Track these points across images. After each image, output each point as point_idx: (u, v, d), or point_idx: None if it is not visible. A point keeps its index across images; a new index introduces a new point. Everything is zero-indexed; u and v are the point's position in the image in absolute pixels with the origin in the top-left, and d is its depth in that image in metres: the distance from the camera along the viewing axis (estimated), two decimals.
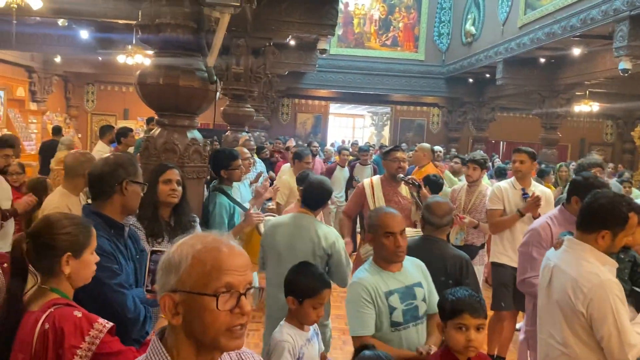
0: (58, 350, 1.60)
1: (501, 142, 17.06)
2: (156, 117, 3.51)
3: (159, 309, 2.60)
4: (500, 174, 7.20)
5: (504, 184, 4.37)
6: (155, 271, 1.87)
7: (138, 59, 9.72)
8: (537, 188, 4.30)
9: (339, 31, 13.71)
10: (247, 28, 6.35)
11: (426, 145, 6.47)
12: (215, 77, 3.39)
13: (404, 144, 12.32)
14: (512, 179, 4.39)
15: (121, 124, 12.21)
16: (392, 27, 14.64)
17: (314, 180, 3.39)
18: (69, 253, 1.73)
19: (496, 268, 4.29)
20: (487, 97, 14.26)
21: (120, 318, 2.01)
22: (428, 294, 2.60)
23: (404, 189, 4.44)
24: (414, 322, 2.52)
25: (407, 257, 2.61)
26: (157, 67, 3.29)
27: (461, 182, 5.36)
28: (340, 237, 3.31)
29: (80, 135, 15.26)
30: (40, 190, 4.11)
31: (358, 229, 6.87)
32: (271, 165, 8.69)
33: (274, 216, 3.99)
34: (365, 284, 2.47)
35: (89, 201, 2.37)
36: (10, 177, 4.40)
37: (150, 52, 10.20)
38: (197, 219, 3.06)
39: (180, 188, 2.82)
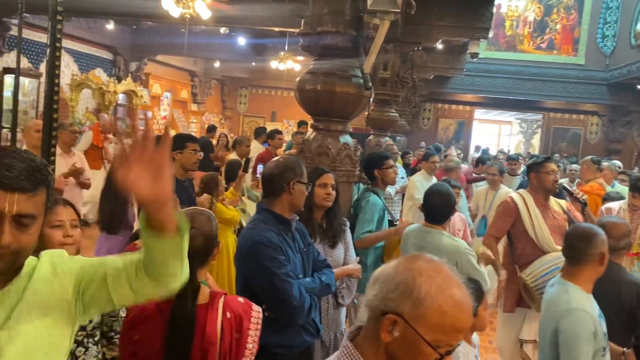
0: (235, 334, 1.73)
1: None
2: (311, 122, 3.63)
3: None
4: None
5: None
6: None
7: (289, 64, 10.20)
8: None
9: (489, 34, 13.13)
10: (397, 33, 6.33)
11: (593, 158, 5.97)
12: (370, 84, 3.42)
13: (556, 155, 11.44)
14: None
15: (269, 126, 12.90)
16: (548, 29, 13.69)
17: (434, 194, 3.16)
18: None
19: None
20: None
21: (286, 305, 2.20)
22: None
23: (554, 204, 4.06)
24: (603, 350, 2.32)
25: None
26: (316, 74, 3.39)
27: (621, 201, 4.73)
28: (468, 249, 3.08)
29: (232, 135, 16.41)
30: (212, 185, 4.37)
31: None
32: (412, 174, 8.57)
33: None
34: (590, 312, 2.27)
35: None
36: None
37: (301, 58, 10.65)
38: (348, 223, 3.11)
39: (334, 192, 2.89)
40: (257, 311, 1.83)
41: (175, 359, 1.70)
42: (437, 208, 3.12)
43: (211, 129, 10.67)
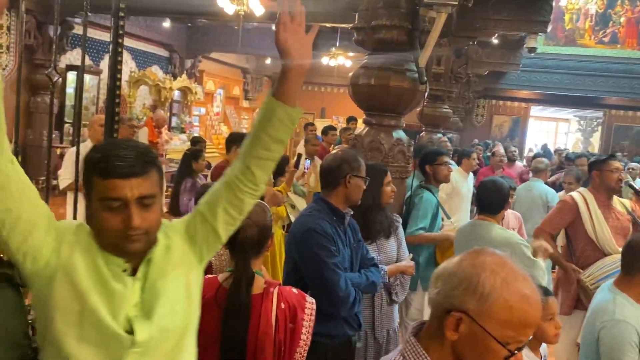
0: (289, 325, 1.75)
1: None
2: (362, 117, 3.60)
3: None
4: None
5: None
6: None
7: (340, 60, 10.18)
8: None
9: (547, 28, 12.68)
10: (451, 27, 6.19)
11: None
12: (425, 78, 3.36)
13: (618, 153, 10.93)
14: None
15: (318, 122, 12.93)
16: (611, 22, 13.08)
17: (487, 183, 3.17)
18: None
19: None
20: None
21: (331, 295, 2.21)
22: None
23: (617, 204, 3.87)
24: None
25: None
26: (370, 68, 3.37)
27: None
28: (520, 240, 3.01)
29: None
30: (282, 163, 4.40)
31: None
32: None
33: None
34: (634, 324, 2.18)
35: None
36: None
37: (352, 54, 10.61)
38: (400, 219, 3.07)
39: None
40: (310, 302, 1.84)
41: (231, 347, 1.72)
42: (490, 197, 3.06)
43: None
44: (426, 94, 3.51)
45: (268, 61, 14.61)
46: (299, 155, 5.22)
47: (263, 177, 1.42)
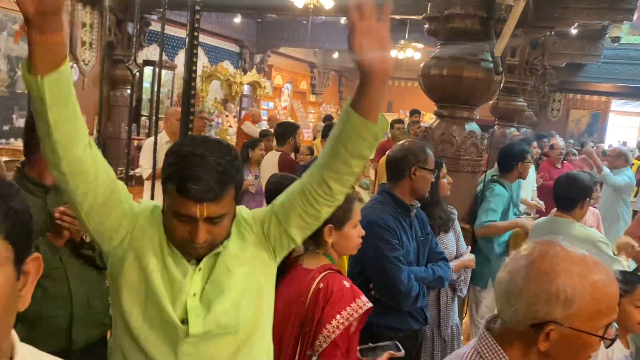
0: (324, 309, 1.72)
1: None
2: (435, 109, 3.52)
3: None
4: None
5: None
6: None
7: (408, 53, 10.01)
8: None
9: (633, 16, 11.90)
10: (527, 16, 5.94)
11: None
12: (501, 68, 3.24)
13: None
14: None
15: (386, 116, 12.81)
16: None
17: (561, 178, 3.03)
18: (330, 225, 1.84)
19: None
20: None
21: (393, 289, 2.18)
22: None
23: None
24: None
25: None
26: (442, 58, 3.28)
27: None
28: (602, 237, 2.85)
29: None
30: None
31: None
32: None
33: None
34: None
35: None
36: (300, 156, 5.37)
37: (420, 47, 10.40)
38: (456, 212, 2.96)
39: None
40: (359, 304, 1.75)
41: None
42: (564, 192, 2.94)
43: (328, 118, 10.87)
44: (501, 84, 3.37)
45: (335, 55, 14.61)
46: None
47: (342, 190, 1.33)
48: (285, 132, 4.77)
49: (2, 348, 0.68)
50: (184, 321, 1.28)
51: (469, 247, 2.86)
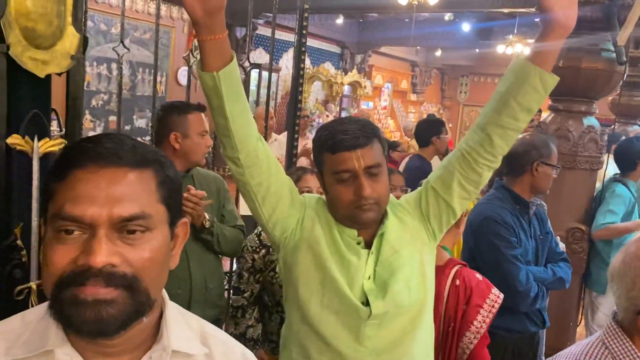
0: (463, 306, 1.70)
1: None
2: (549, 103, 3.34)
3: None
4: None
5: None
6: None
7: (517, 48, 9.57)
8: None
9: None
10: None
11: None
12: (624, 58, 3.00)
13: None
14: None
15: None
16: None
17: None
18: None
19: None
20: None
21: (510, 288, 2.07)
22: None
23: None
24: None
25: None
26: None
27: None
28: None
29: (451, 125, 16.12)
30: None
31: None
32: None
33: None
34: None
35: None
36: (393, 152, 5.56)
37: (531, 41, 9.88)
38: (545, 205, 2.75)
39: None
40: (495, 295, 1.74)
41: None
42: None
43: (430, 117, 10.67)
44: (624, 76, 3.13)
45: (438, 53, 14.29)
46: (447, 151, 5.09)
47: (504, 148, 1.34)
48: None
49: (158, 300, 0.77)
50: (364, 304, 1.33)
51: (563, 244, 2.70)
